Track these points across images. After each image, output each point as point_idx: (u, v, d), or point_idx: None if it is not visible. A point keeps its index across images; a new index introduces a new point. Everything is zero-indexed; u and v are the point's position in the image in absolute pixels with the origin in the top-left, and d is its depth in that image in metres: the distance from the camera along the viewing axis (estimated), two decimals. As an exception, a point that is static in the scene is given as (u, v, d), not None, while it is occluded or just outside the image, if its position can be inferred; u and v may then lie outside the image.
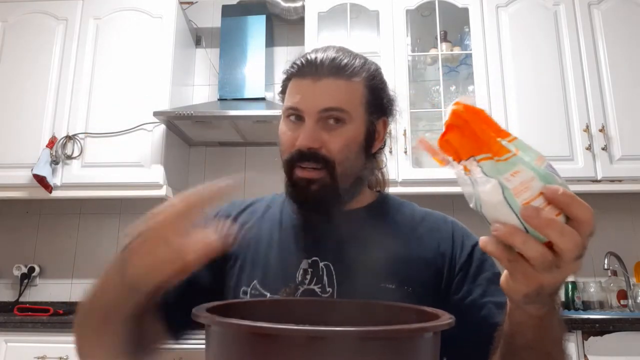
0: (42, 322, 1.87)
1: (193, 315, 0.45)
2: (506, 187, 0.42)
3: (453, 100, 0.50)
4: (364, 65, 0.77)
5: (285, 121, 0.77)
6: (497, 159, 0.43)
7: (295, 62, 0.77)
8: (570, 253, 0.42)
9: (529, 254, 0.42)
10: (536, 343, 0.53)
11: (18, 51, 2.39)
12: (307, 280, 0.73)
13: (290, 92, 0.76)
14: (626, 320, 1.72)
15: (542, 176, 0.43)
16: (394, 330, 0.40)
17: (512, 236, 0.42)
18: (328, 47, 0.78)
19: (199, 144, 2.63)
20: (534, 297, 0.46)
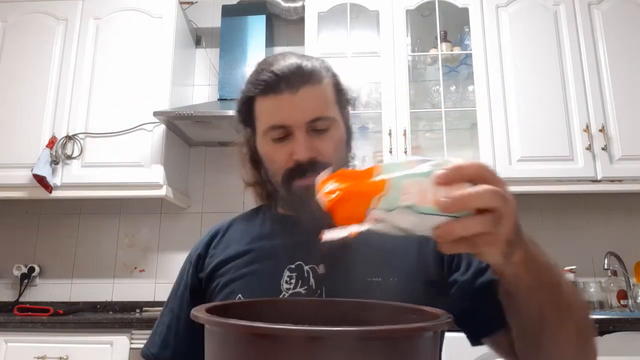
0: (42, 322, 1.87)
1: (192, 315, 0.45)
2: (411, 205, 0.44)
3: (453, 101, 0.51)
4: (323, 65, 0.78)
5: (268, 141, 0.76)
6: (384, 195, 0.45)
7: (261, 79, 0.74)
8: (496, 201, 0.44)
9: (473, 231, 0.44)
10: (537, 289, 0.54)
11: (18, 51, 2.39)
12: (292, 285, 0.73)
13: (267, 110, 0.75)
14: (626, 320, 1.72)
15: (423, 174, 0.45)
16: (393, 330, 0.40)
17: (452, 232, 0.44)
18: (285, 55, 0.77)
19: (199, 144, 2.63)
20: (509, 249, 0.48)
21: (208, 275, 0.81)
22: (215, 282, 0.80)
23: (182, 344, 0.81)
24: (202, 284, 0.82)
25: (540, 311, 0.56)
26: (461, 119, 2.39)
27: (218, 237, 0.85)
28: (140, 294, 2.44)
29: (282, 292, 0.73)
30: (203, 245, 0.85)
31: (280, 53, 0.79)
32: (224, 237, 0.85)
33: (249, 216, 0.88)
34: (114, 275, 2.49)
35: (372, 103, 2.37)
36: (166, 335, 0.82)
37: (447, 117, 2.24)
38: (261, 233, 0.83)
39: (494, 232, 0.45)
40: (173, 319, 0.83)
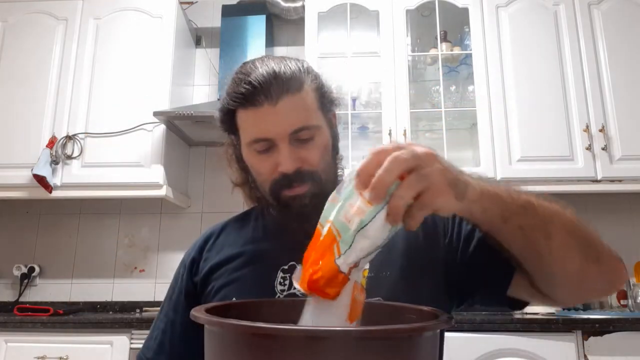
0: (42, 322, 1.87)
1: (192, 315, 0.45)
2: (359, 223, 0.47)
3: (453, 100, 0.54)
4: (302, 68, 0.75)
5: (252, 152, 0.75)
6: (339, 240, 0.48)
7: (239, 91, 0.72)
8: (405, 162, 0.47)
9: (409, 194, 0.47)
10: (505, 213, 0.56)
11: (18, 51, 2.39)
12: (286, 286, 0.73)
13: (248, 123, 0.74)
14: (626, 320, 1.72)
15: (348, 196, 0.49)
16: (393, 330, 0.40)
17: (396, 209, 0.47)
18: (262, 61, 0.75)
19: (199, 144, 2.63)
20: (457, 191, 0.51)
21: (202, 279, 0.81)
22: (210, 285, 0.80)
23: (177, 348, 0.81)
24: (197, 288, 0.82)
25: (523, 232, 0.57)
26: (461, 119, 2.38)
27: (212, 241, 0.86)
28: (140, 294, 2.44)
29: (276, 293, 0.73)
30: (197, 248, 0.86)
31: (259, 58, 0.77)
32: (217, 240, 0.85)
33: (241, 219, 0.89)
34: (114, 275, 2.49)
35: (372, 103, 2.37)
36: (162, 340, 0.82)
37: (447, 117, 2.24)
38: (253, 236, 0.83)
39: (429, 184, 0.48)
40: (168, 323, 0.83)
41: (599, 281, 0.62)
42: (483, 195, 0.54)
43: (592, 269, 0.60)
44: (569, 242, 0.58)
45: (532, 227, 0.57)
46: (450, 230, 0.75)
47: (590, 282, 0.61)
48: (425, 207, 0.49)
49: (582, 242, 0.59)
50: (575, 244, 0.59)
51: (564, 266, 0.59)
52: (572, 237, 0.58)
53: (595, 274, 0.61)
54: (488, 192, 0.54)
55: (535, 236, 0.57)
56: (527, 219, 0.56)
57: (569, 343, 1.71)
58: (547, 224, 0.57)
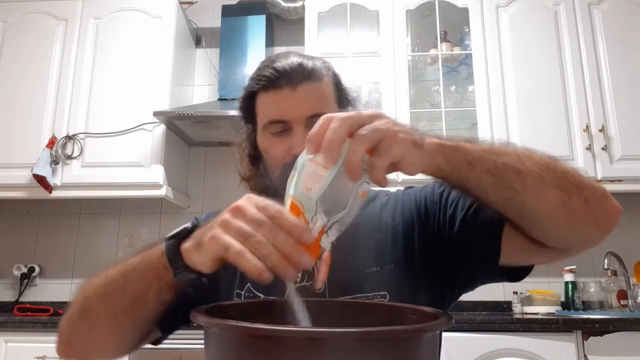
0: (42, 322, 1.87)
1: (192, 316, 0.45)
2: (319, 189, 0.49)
3: (453, 100, 0.55)
4: (324, 64, 0.80)
5: (268, 135, 0.77)
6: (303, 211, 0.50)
7: (262, 75, 0.76)
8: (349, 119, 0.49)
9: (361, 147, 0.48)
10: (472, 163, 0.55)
11: (18, 51, 2.39)
12: (298, 279, 0.74)
13: (267, 105, 0.77)
14: (626, 320, 1.72)
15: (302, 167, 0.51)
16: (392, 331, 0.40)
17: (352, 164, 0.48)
18: (288, 54, 0.79)
19: (199, 144, 2.63)
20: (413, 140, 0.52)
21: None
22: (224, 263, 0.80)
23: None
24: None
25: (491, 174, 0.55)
26: (461, 119, 2.38)
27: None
28: (140, 294, 2.44)
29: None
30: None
31: (284, 52, 0.81)
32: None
33: None
34: (114, 275, 2.49)
35: (372, 103, 2.37)
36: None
37: (447, 117, 2.24)
38: None
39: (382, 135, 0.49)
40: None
41: (588, 216, 0.59)
42: (443, 145, 0.54)
43: (577, 202, 0.58)
44: (543, 176, 0.56)
45: (499, 167, 0.55)
46: (437, 214, 0.76)
47: (578, 216, 0.59)
48: (383, 155, 0.49)
49: (560, 176, 0.58)
50: (551, 177, 0.57)
51: (544, 202, 0.57)
52: (546, 171, 0.57)
53: (582, 208, 0.58)
54: (447, 143, 0.54)
55: (506, 175, 0.56)
56: (492, 160, 0.56)
57: (569, 343, 1.71)
58: (515, 162, 0.56)
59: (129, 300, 0.62)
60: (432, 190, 0.79)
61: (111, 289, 0.63)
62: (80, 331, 0.67)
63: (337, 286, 0.72)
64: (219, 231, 0.51)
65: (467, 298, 2.11)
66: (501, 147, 0.58)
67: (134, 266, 0.62)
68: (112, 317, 0.64)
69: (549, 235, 0.62)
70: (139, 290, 0.61)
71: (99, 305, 0.64)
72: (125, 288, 0.62)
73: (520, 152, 0.58)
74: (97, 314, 0.65)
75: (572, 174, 0.59)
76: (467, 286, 0.78)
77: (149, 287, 0.60)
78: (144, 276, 0.61)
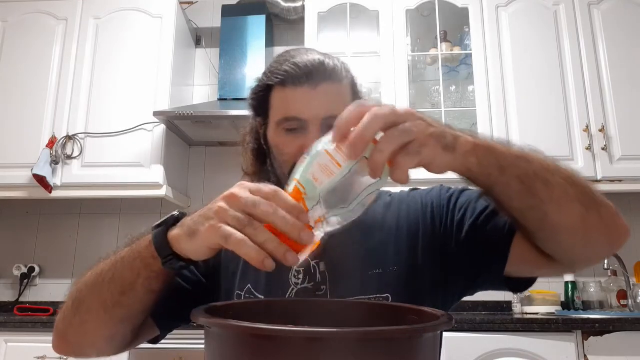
0: (42, 322, 1.87)
1: (192, 316, 0.45)
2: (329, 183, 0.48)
3: (453, 100, 0.55)
4: (344, 66, 0.78)
5: (280, 131, 0.75)
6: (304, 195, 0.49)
7: (282, 69, 0.74)
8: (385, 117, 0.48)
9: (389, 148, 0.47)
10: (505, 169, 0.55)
11: (18, 51, 2.39)
12: (300, 280, 0.74)
13: (284, 101, 0.75)
14: (626, 320, 1.72)
15: (315, 155, 0.50)
16: (393, 331, 0.40)
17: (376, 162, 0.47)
18: (307, 51, 0.78)
19: (199, 144, 2.63)
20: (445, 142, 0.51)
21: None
22: (224, 262, 0.79)
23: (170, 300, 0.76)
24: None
25: (521, 181, 0.55)
26: (461, 119, 2.38)
27: None
28: (140, 294, 2.44)
29: (290, 285, 0.74)
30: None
31: (303, 48, 0.79)
32: None
33: None
34: (114, 275, 2.49)
35: (372, 103, 2.36)
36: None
37: (447, 117, 2.24)
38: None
39: (413, 137, 0.48)
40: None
41: (602, 233, 0.60)
42: (477, 146, 0.53)
43: (594, 219, 0.58)
44: (568, 190, 0.57)
45: (529, 176, 0.55)
46: (444, 218, 0.75)
47: (593, 231, 0.59)
48: (410, 156, 0.48)
49: (581, 190, 0.58)
50: (575, 192, 0.57)
51: (567, 215, 0.57)
52: (570, 185, 0.57)
53: (598, 224, 0.59)
54: (482, 144, 0.54)
55: (534, 185, 0.55)
56: (524, 168, 0.55)
57: (569, 343, 1.71)
58: (544, 172, 0.56)
59: (118, 290, 0.62)
60: (439, 194, 0.79)
61: (101, 280, 0.63)
62: (74, 325, 0.67)
63: (338, 287, 0.72)
64: (216, 221, 0.50)
65: (467, 298, 2.11)
66: (531, 154, 0.57)
67: (122, 257, 0.62)
68: (102, 309, 0.63)
69: (561, 248, 0.62)
70: (127, 279, 0.61)
71: (90, 297, 0.64)
72: (114, 278, 0.62)
73: (548, 161, 0.58)
74: (88, 306, 0.65)
75: (591, 189, 0.59)
76: (468, 291, 0.77)
77: (137, 277, 0.60)
78: (132, 266, 0.61)
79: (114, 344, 0.68)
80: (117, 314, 0.63)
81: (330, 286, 0.73)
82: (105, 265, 0.64)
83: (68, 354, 0.70)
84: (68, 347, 0.69)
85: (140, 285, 0.61)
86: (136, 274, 0.60)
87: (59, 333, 0.69)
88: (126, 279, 0.61)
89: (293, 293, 0.74)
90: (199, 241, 0.53)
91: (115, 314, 0.63)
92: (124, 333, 0.67)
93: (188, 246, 0.55)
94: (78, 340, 0.68)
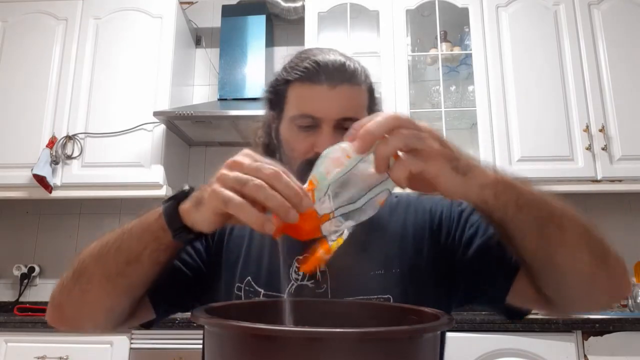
0: (42, 322, 1.87)
1: (192, 316, 0.45)
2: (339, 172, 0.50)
3: (453, 100, 0.56)
4: (364, 70, 0.78)
5: (293, 127, 0.75)
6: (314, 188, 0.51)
7: (303, 66, 0.74)
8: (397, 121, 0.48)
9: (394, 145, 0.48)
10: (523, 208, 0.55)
11: (18, 51, 2.39)
12: (300, 277, 0.74)
13: (301, 97, 0.75)
14: (626, 320, 1.72)
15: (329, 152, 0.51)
16: (393, 331, 0.40)
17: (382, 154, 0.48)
18: (329, 50, 0.77)
19: (199, 144, 2.63)
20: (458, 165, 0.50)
21: (219, 235, 0.80)
22: (225, 254, 0.79)
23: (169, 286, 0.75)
24: (215, 239, 0.80)
25: (537, 222, 0.55)
26: (461, 119, 2.38)
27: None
28: (140, 294, 2.44)
29: (290, 281, 0.74)
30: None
31: (326, 47, 0.79)
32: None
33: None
34: (114, 275, 2.49)
35: (372, 103, 2.36)
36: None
37: (447, 117, 2.24)
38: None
39: (423, 146, 0.48)
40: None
41: (606, 286, 0.61)
42: (497, 181, 0.53)
43: (602, 271, 0.59)
44: (580, 240, 0.57)
45: (546, 218, 0.55)
46: (453, 231, 0.75)
47: (599, 285, 0.60)
48: (414, 160, 0.48)
49: (594, 241, 0.58)
50: (586, 241, 0.58)
51: (576, 263, 0.57)
52: (584, 234, 0.57)
53: (604, 278, 0.59)
54: (502, 179, 0.54)
55: (549, 228, 0.55)
56: (542, 210, 0.55)
57: (569, 343, 1.71)
58: (561, 217, 0.56)
59: (123, 260, 0.61)
60: (449, 206, 0.78)
61: (106, 251, 0.63)
62: (73, 295, 0.66)
63: (339, 287, 0.72)
64: (217, 186, 0.50)
65: (467, 298, 2.11)
66: (550, 197, 0.57)
67: (130, 228, 0.62)
68: (105, 278, 0.63)
69: (561, 293, 0.62)
70: (134, 250, 0.61)
71: (94, 266, 0.64)
72: (120, 248, 0.62)
73: (567, 207, 0.58)
74: (90, 275, 0.64)
75: (605, 243, 0.60)
76: (465, 305, 0.78)
77: (144, 248, 0.60)
78: (139, 237, 0.61)
79: (112, 317, 0.67)
80: (119, 284, 0.63)
81: (331, 284, 0.73)
82: (111, 237, 0.64)
83: (62, 325, 0.69)
84: (63, 318, 0.68)
85: (146, 256, 0.60)
86: (143, 245, 0.60)
87: (55, 304, 0.68)
88: (133, 249, 0.61)
89: (293, 289, 0.73)
90: (204, 209, 0.53)
91: (118, 284, 0.63)
92: (124, 306, 0.66)
93: (196, 216, 0.55)
94: (75, 311, 0.67)
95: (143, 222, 0.61)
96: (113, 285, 0.63)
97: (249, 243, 0.79)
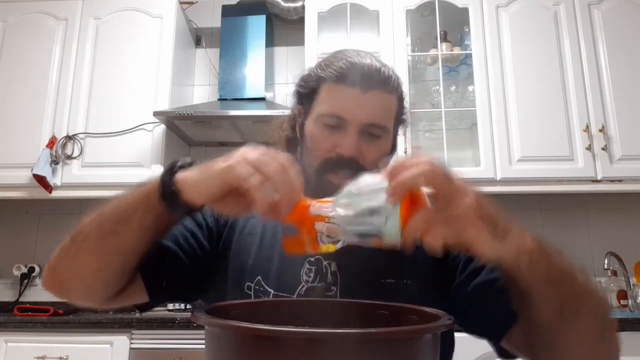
0: (42, 322, 1.87)
1: (192, 316, 0.45)
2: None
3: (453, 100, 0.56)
4: (397, 79, 0.79)
5: (319, 124, 0.75)
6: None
7: (338, 65, 0.74)
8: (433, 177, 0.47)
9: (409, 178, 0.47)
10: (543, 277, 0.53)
11: (18, 51, 2.39)
12: (310, 279, 0.74)
13: (332, 97, 0.74)
14: (626, 320, 1.72)
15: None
16: (393, 332, 0.40)
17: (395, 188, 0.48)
18: (366, 54, 0.77)
19: (199, 144, 2.63)
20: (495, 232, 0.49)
21: (227, 233, 0.80)
22: (233, 252, 0.78)
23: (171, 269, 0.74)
24: (222, 236, 0.80)
25: (557, 300, 0.54)
26: (461, 119, 2.38)
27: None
28: (140, 294, 2.43)
29: (301, 282, 0.74)
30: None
31: (364, 51, 0.79)
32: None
33: None
34: (114, 275, 2.49)
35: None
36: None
37: (447, 117, 2.24)
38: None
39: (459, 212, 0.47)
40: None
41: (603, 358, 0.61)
42: (533, 248, 0.51)
43: (603, 350, 0.60)
44: (592, 325, 0.57)
45: (566, 296, 0.55)
46: (461, 258, 0.74)
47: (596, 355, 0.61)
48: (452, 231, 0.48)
49: (604, 325, 0.59)
50: (597, 326, 0.58)
51: (580, 346, 0.58)
52: (596, 319, 0.58)
53: (604, 355, 0.60)
54: (538, 246, 0.52)
55: (569, 305, 0.55)
56: (566, 287, 0.55)
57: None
58: (580, 299, 0.56)
59: (115, 219, 0.63)
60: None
61: (102, 212, 0.65)
62: (68, 255, 0.67)
63: (349, 291, 0.72)
64: (236, 162, 0.52)
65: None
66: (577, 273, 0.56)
67: (128, 193, 0.65)
68: (99, 236, 0.64)
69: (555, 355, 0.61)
70: (126, 211, 0.62)
71: (89, 227, 0.65)
72: (114, 208, 0.64)
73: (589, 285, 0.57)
74: (85, 235, 0.65)
75: (613, 321, 0.60)
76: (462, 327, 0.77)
77: (135, 209, 0.61)
78: (133, 198, 0.62)
79: (101, 281, 0.66)
80: (110, 243, 0.63)
81: (341, 288, 0.73)
82: (111, 201, 0.66)
83: (55, 288, 0.70)
84: (55, 281, 0.69)
85: (137, 218, 0.61)
86: (135, 206, 0.61)
87: (50, 267, 0.70)
88: (125, 210, 0.62)
89: (303, 290, 0.73)
90: (212, 179, 0.53)
91: (108, 243, 0.63)
92: (113, 269, 0.65)
93: (198, 184, 0.55)
94: (67, 271, 0.68)
95: (140, 186, 0.63)
96: (104, 244, 0.64)
97: (260, 243, 0.78)
